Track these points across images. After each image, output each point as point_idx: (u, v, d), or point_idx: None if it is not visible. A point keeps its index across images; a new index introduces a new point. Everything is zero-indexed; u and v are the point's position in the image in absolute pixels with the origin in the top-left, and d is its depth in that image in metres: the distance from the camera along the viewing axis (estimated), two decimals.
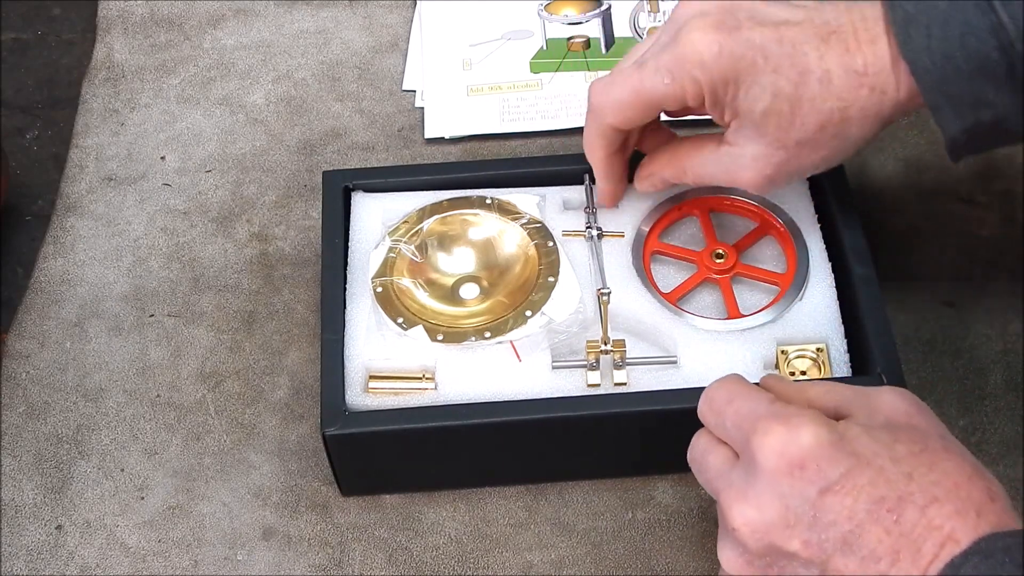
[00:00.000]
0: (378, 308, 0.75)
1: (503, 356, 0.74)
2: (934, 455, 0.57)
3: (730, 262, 0.77)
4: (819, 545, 0.56)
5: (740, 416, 0.60)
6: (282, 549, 0.74)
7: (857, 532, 0.55)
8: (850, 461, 0.56)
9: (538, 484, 0.76)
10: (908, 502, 0.55)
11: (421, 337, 0.74)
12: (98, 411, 0.79)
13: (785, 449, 0.56)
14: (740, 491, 0.58)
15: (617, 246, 0.78)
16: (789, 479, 0.56)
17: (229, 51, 0.98)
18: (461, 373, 0.73)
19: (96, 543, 0.74)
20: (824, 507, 0.55)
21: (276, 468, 0.77)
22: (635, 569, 0.72)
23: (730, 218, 0.80)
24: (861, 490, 0.55)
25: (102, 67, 0.97)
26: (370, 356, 0.74)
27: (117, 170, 0.91)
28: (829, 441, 0.56)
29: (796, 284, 0.75)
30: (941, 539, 0.54)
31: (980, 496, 0.55)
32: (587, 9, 0.98)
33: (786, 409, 0.58)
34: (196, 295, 0.85)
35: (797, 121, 0.68)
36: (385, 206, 0.80)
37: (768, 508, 0.56)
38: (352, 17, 1.00)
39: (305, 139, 0.93)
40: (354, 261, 0.78)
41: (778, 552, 0.57)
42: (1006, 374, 0.79)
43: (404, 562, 0.73)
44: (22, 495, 0.76)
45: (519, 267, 0.77)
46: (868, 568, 0.55)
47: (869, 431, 0.57)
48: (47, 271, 0.86)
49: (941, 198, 0.87)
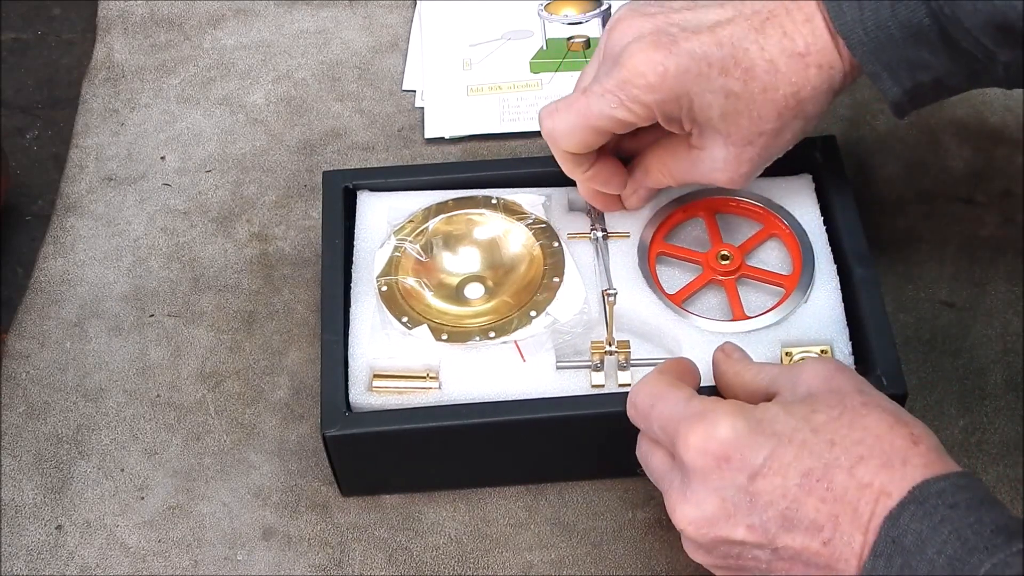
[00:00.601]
0: (382, 307, 0.75)
1: (507, 356, 0.74)
2: (853, 414, 0.59)
3: (735, 264, 0.76)
4: (762, 527, 0.57)
5: (663, 420, 0.62)
6: (282, 549, 0.74)
7: (794, 507, 0.57)
8: (771, 442, 0.58)
9: (538, 484, 0.76)
10: (835, 467, 0.57)
11: (425, 336, 0.74)
12: (98, 411, 0.79)
13: (707, 446, 0.58)
14: (679, 492, 0.60)
15: (623, 247, 0.78)
16: (718, 472, 0.58)
17: (229, 51, 0.98)
18: (465, 373, 0.73)
19: (96, 543, 0.74)
20: (757, 491, 0.57)
21: (276, 468, 0.77)
22: (635, 569, 0.72)
23: (735, 219, 0.80)
24: (788, 467, 0.57)
25: (102, 67, 0.97)
26: (374, 355, 0.74)
27: (117, 170, 0.91)
28: (747, 428, 0.58)
29: (801, 286, 0.75)
30: (874, 495, 0.56)
31: (903, 443, 0.57)
32: (587, 9, 0.98)
33: (702, 405, 0.60)
34: (196, 295, 0.85)
35: (755, 115, 0.69)
36: (390, 205, 0.80)
37: (706, 504, 0.58)
38: (352, 17, 1.00)
39: (305, 139, 0.93)
40: (359, 260, 0.78)
41: (727, 542, 0.59)
42: (1006, 374, 0.79)
43: (404, 562, 0.73)
44: (22, 495, 0.76)
45: (524, 267, 0.77)
46: (813, 538, 0.57)
47: (787, 408, 0.59)
48: (47, 271, 0.86)
49: (941, 198, 0.87)
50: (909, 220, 0.86)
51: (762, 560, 0.59)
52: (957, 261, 0.84)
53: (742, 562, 0.59)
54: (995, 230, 0.85)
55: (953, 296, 0.82)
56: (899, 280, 0.83)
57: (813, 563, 0.57)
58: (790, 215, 0.78)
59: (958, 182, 0.88)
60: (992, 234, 0.85)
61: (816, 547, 0.57)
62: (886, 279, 0.81)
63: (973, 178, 0.88)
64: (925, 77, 0.67)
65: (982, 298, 0.82)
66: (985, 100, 0.92)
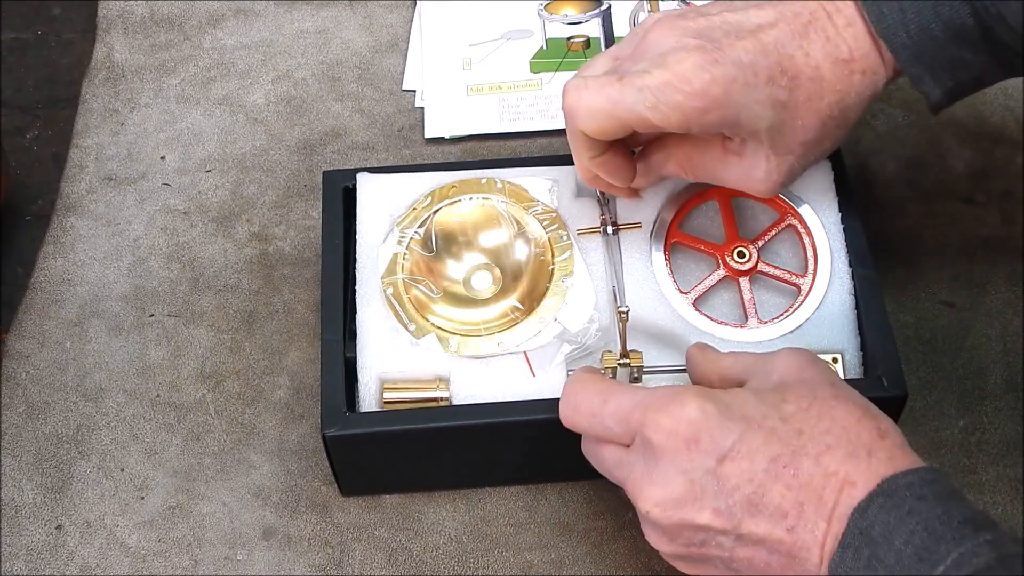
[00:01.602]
0: (390, 314, 0.74)
1: (517, 365, 0.73)
2: (823, 405, 0.59)
3: (751, 262, 0.75)
4: (728, 512, 0.58)
5: (621, 412, 0.61)
6: (282, 549, 0.74)
7: (760, 492, 0.57)
8: (740, 427, 0.58)
9: (538, 484, 0.76)
10: (802, 455, 0.57)
11: (434, 346, 0.73)
12: (98, 411, 0.79)
13: (677, 427, 0.59)
14: (644, 475, 0.60)
15: (634, 237, 0.76)
16: (687, 454, 0.58)
17: (229, 51, 0.98)
18: (475, 384, 0.72)
19: (96, 543, 0.74)
20: (725, 474, 0.58)
21: (276, 468, 0.77)
22: (635, 569, 0.72)
23: (750, 204, 0.77)
24: (756, 452, 0.57)
25: (102, 67, 0.97)
26: (383, 367, 0.73)
27: (117, 170, 0.91)
28: (716, 412, 0.59)
29: (817, 289, 0.74)
30: (839, 484, 0.56)
31: (869, 436, 0.58)
32: (587, 9, 0.98)
33: (668, 391, 0.61)
34: (196, 295, 0.85)
35: (799, 125, 0.67)
36: (392, 187, 0.78)
37: (673, 485, 0.58)
38: (352, 17, 1.00)
39: (305, 139, 0.93)
40: (363, 243, 0.76)
41: (692, 527, 0.59)
42: (1006, 374, 0.79)
43: (404, 562, 0.73)
44: (22, 495, 0.76)
45: (532, 264, 0.75)
46: (777, 524, 0.57)
47: (758, 394, 0.60)
48: (47, 271, 0.86)
49: (941, 198, 0.87)
50: (909, 220, 0.86)
51: (725, 547, 0.59)
52: (957, 261, 0.84)
53: (705, 550, 0.59)
54: (995, 230, 0.85)
55: (953, 296, 0.82)
56: (899, 280, 0.83)
57: (776, 550, 0.57)
58: (808, 208, 0.76)
59: (958, 182, 0.88)
60: (992, 234, 0.85)
61: (780, 534, 0.57)
62: (886, 279, 0.81)
63: (973, 178, 0.88)
64: (965, 76, 0.67)
65: (982, 298, 0.82)
66: (985, 100, 0.92)
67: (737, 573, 0.60)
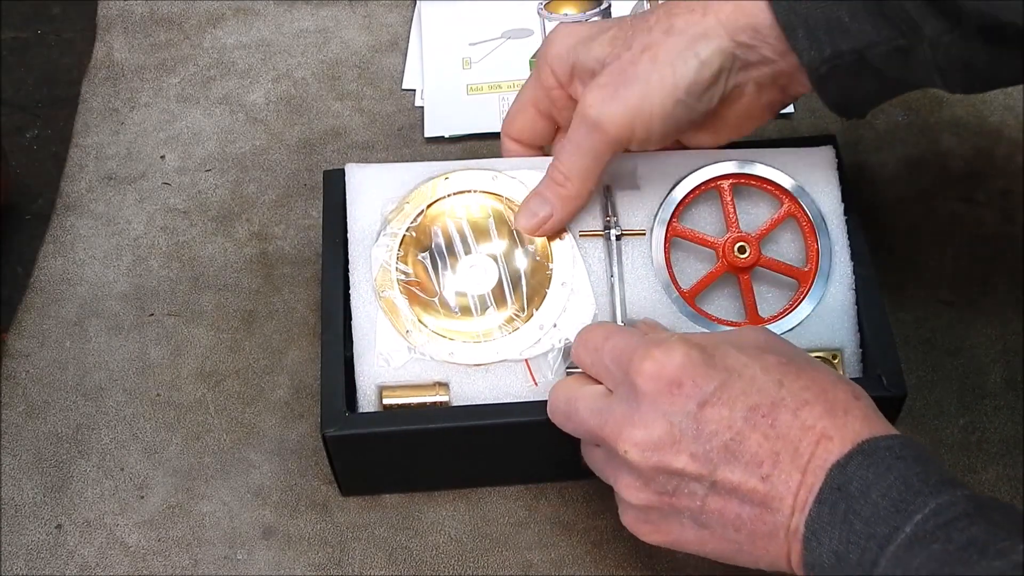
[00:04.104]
0: (385, 319, 0.72)
1: (517, 370, 0.72)
2: (800, 366, 0.60)
3: (752, 257, 0.74)
4: (705, 457, 0.58)
5: (618, 350, 0.63)
6: (282, 548, 0.74)
7: (738, 440, 0.58)
8: (722, 375, 0.59)
9: (538, 484, 0.76)
10: (781, 407, 0.58)
11: (432, 353, 0.72)
12: (98, 410, 0.79)
13: (661, 371, 0.59)
14: (625, 417, 0.60)
15: (636, 243, 0.75)
16: (669, 398, 0.59)
17: (229, 50, 0.98)
18: (475, 390, 0.72)
19: (96, 542, 0.74)
20: (704, 419, 0.59)
21: (276, 467, 0.77)
22: (635, 569, 0.72)
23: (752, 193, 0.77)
24: (736, 399, 0.58)
25: (102, 66, 0.97)
26: (381, 373, 0.72)
27: (117, 169, 0.91)
28: (701, 359, 0.60)
29: (818, 283, 0.74)
30: (815, 437, 0.57)
31: (845, 397, 0.59)
32: (587, 8, 0.98)
33: (658, 336, 0.62)
34: (196, 294, 0.85)
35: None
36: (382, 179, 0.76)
37: (654, 427, 0.59)
38: (352, 16, 1.00)
39: (305, 138, 0.93)
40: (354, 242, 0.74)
41: (668, 471, 0.59)
42: (1006, 373, 0.79)
43: (404, 562, 0.73)
44: (22, 494, 0.76)
45: (530, 267, 0.74)
46: (752, 473, 0.58)
47: (739, 347, 0.61)
48: (47, 270, 0.86)
49: (941, 198, 0.87)
50: (909, 220, 0.86)
51: (698, 495, 0.59)
52: (957, 261, 0.84)
53: (676, 499, 0.60)
54: (995, 230, 0.85)
55: (953, 295, 0.82)
56: (899, 280, 0.83)
57: (748, 500, 0.58)
58: (808, 197, 0.76)
59: (958, 181, 0.88)
60: (992, 234, 0.85)
61: (754, 483, 0.58)
62: (886, 279, 0.81)
63: (973, 177, 0.88)
64: (845, 45, 0.66)
65: (982, 298, 0.82)
66: (985, 99, 0.92)
67: (704, 528, 0.60)
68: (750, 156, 0.76)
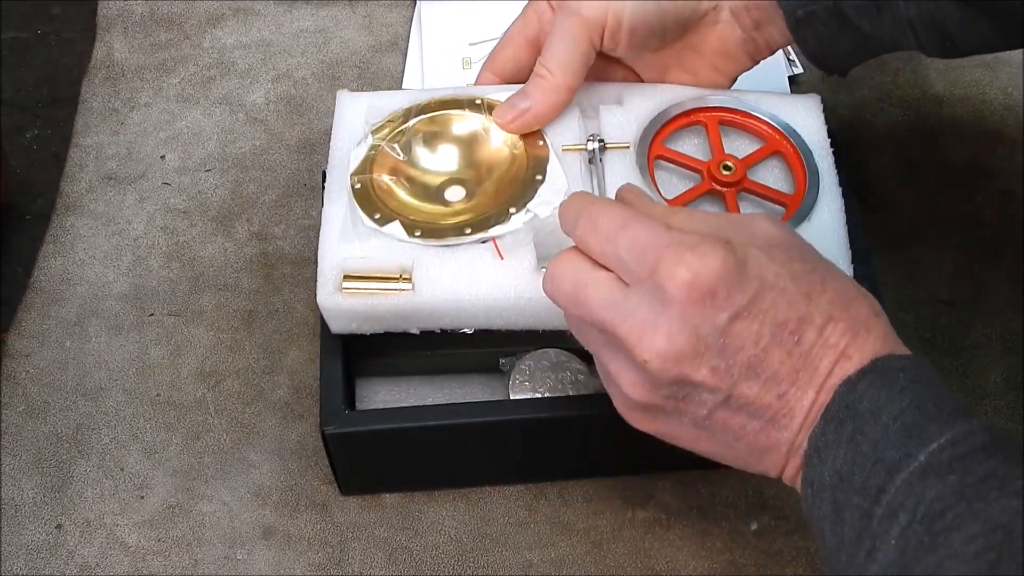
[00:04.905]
0: (354, 204, 0.71)
1: (485, 256, 0.70)
2: (824, 274, 0.57)
3: (737, 175, 0.73)
4: (726, 371, 0.56)
5: (638, 245, 0.57)
6: (282, 548, 0.74)
7: (761, 356, 0.55)
8: (755, 285, 0.55)
9: (538, 483, 0.76)
10: (807, 323, 0.55)
11: (397, 232, 0.70)
12: (98, 410, 0.79)
13: (696, 279, 0.55)
14: (648, 322, 0.56)
15: (619, 157, 0.73)
16: (700, 308, 0.55)
17: (229, 50, 0.98)
18: (440, 273, 0.69)
19: (96, 542, 0.74)
20: (733, 333, 0.55)
21: (276, 467, 0.77)
22: (635, 568, 0.72)
23: (739, 135, 0.76)
24: (766, 314, 0.55)
25: (102, 66, 0.97)
26: (344, 256, 0.70)
27: (117, 169, 0.91)
28: (735, 267, 0.55)
29: (804, 206, 0.72)
30: (835, 356, 0.55)
31: (866, 313, 0.57)
32: None
33: (688, 237, 0.56)
34: (196, 294, 0.85)
35: None
36: (370, 103, 0.77)
37: (679, 338, 0.55)
38: (352, 16, 1.00)
39: (305, 138, 0.93)
40: (335, 161, 0.74)
41: (684, 382, 0.56)
42: (1006, 373, 0.79)
43: (404, 561, 0.73)
44: (22, 494, 0.76)
45: (506, 166, 0.73)
46: (769, 390, 0.56)
47: (768, 251, 0.57)
48: (47, 270, 0.86)
49: (941, 198, 0.87)
50: (909, 219, 0.86)
51: (707, 404, 0.57)
52: (957, 260, 0.84)
53: (683, 404, 0.57)
54: (995, 229, 0.85)
55: (953, 295, 0.82)
56: (899, 279, 0.83)
57: (757, 415, 0.56)
58: (796, 133, 0.75)
59: (958, 181, 0.88)
60: (992, 233, 0.85)
61: (769, 399, 0.56)
62: (886, 278, 0.81)
63: (973, 177, 0.88)
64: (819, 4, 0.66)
65: (982, 297, 0.82)
66: (984, 99, 0.92)
67: (702, 431, 0.58)
68: (736, 95, 0.76)
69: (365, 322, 0.71)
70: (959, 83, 0.94)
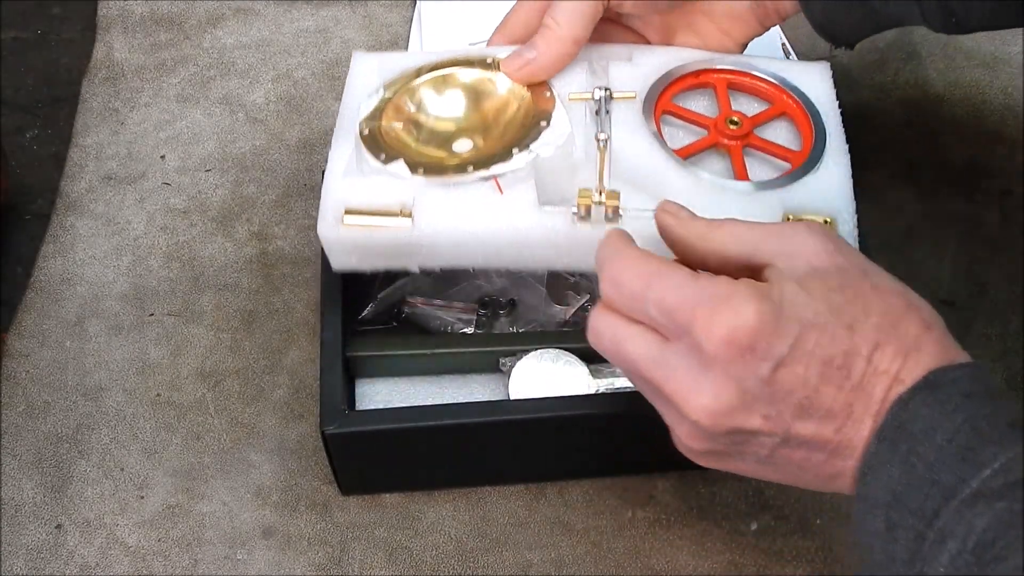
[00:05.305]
0: (360, 145, 0.72)
1: (486, 194, 0.70)
2: (866, 298, 0.56)
3: (744, 130, 0.72)
4: (778, 417, 0.55)
5: (666, 304, 0.56)
6: (282, 548, 0.74)
7: (812, 396, 0.55)
8: (795, 329, 0.55)
9: (538, 483, 0.76)
10: (854, 355, 0.55)
11: (401, 170, 0.70)
12: (98, 410, 0.79)
13: (733, 335, 0.54)
14: (691, 382, 0.56)
15: (626, 108, 0.73)
16: (741, 363, 0.55)
17: (229, 50, 0.98)
18: (440, 209, 0.69)
19: (96, 542, 0.74)
20: (778, 382, 0.55)
21: (276, 467, 0.77)
22: (635, 568, 0.72)
23: (748, 98, 0.76)
24: (811, 355, 0.55)
25: (102, 66, 0.97)
26: (348, 193, 0.70)
27: (117, 169, 0.91)
28: (772, 314, 0.54)
29: (811, 160, 0.72)
30: (888, 382, 0.55)
31: (916, 329, 0.56)
32: None
33: (717, 287, 0.56)
34: (196, 294, 0.85)
35: None
36: (383, 62, 0.77)
37: (724, 394, 0.55)
38: (352, 16, 1.00)
39: (305, 138, 0.93)
40: (345, 112, 0.75)
41: (739, 431, 0.56)
42: (1006, 374, 0.79)
43: (404, 561, 0.73)
44: (22, 494, 0.76)
45: (512, 112, 0.74)
46: (826, 426, 0.55)
47: (803, 286, 0.56)
48: (47, 270, 0.86)
49: (941, 197, 0.87)
50: (908, 219, 0.86)
51: (766, 446, 0.57)
52: (957, 260, 0.84)
53: (744, 448, 0.57)
54: (995, 229, 0.85)
55: (953, 295, 0.82)
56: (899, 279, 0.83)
57: (819, 448, 0.56)
58: (805, 96, 0.75)
59: (958, 181, 0.88)
60: (992, 233, 0.85)
61: (827, 434, 0.55)
62: None
63: (973, 177, 0.88)
64: None
65: (982, 298, 0.82)
66: (984, 99, 0.92)
67: (768, 465, 0.58)
68: (746, 58, 0.77)
69: (365, 256, 0.71)
70: (959, 83, 0.94)
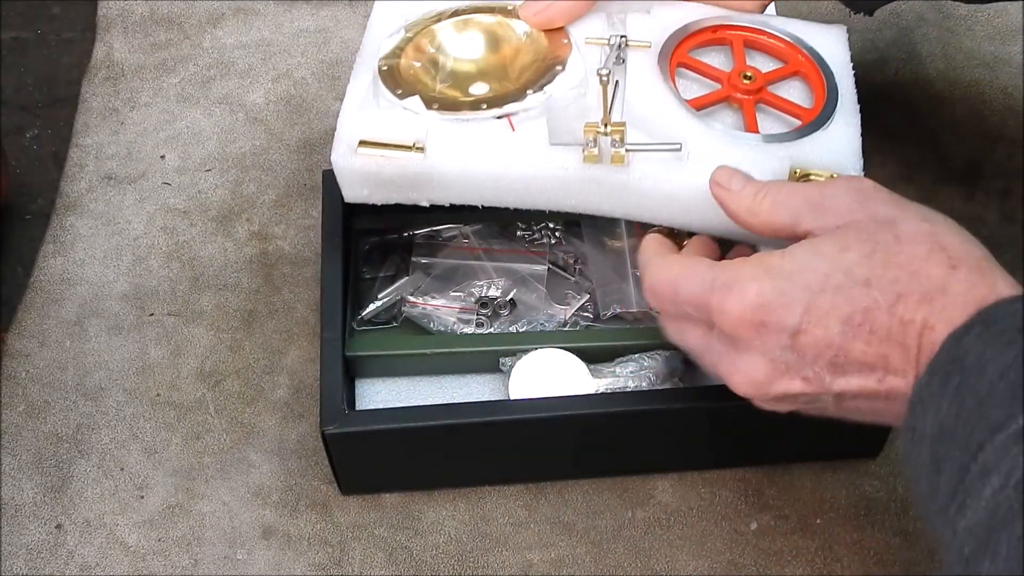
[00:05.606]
0: (378, 80, 0.73)
1: (499, 131, 0.71)
2: (887, 251, 0.57)
3: (757, 84, 0.72)
4: (816, 377, 0.58)
5: (691, 300, 0.62)
6: (282, 548, 0.74)
7: (842, 355, 0.57)
8: (804, 297, 0.57)
9: (538, 483, 0.76)
10: (874, 310, 0.56)
11: (416, 106, 0.71)
12: (98, 410, 0.79)
13: (743, 315, 0.58)
14: (730, 363, 0.61)
15: (641, 56, 0.74)
16: (760, 338, 0.58)
17: (229, 50, 0.98)
18: (453, 144, 0.70)
19: (96, 542, 0.74)
20: (802, 347, 0.58)
21: (276, 467, 0.77)
22: (635, 568, 0.72)
23: (763, 57, 0.76)
24: (828, 317, 0.57)
25: (102, 66, 0.97)
26: (362, 125, 0.71)
27: (117, 169, 0.91)
28: (775, 290, 0.58)
29: (821, 117, 0.72)
30: (918, 330, 0.55)
31: (941, 272, 0.56)
32: None
33: (724, 275, 0.60)
34: (196, 294, 0.85)
35: None
36: (405, 9, 0.78)
37: (757, 369, 0.59)
38: (352, 16, 1.00)
39: (305, 138, 0.93)
40: (364, 51, 0.76)
41: (790, 395, 0.60)
42: None
43: (404, 561, 0.73)
44: (22, 494, 0.76)
45: (528, 57, 0.75)
46: (867, 378, 0.57)
47: (815, 249, 0.59)
48: (47, 270, 0.86)
49: (940, 196, 0.87)
50: None
51: (822, 401, 0.60)
52: None
53: (812, 405, 0.60)
54: (995, 229, 0.85)
55: None
56: None
57: (874, 397, 0.58)
58: (819, 56, 0.75)
59: (957, 181, 0.88)
60: (992, 233, 0.85)
61: (873, 385, 0.57)
62: None
63: (973, 176, 0.88)
64: None
65: None
66: (984, 100, 0.92)
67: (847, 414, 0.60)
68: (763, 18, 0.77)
69: (377, 187, 0.71)
70: (959, 83, 0.94)
